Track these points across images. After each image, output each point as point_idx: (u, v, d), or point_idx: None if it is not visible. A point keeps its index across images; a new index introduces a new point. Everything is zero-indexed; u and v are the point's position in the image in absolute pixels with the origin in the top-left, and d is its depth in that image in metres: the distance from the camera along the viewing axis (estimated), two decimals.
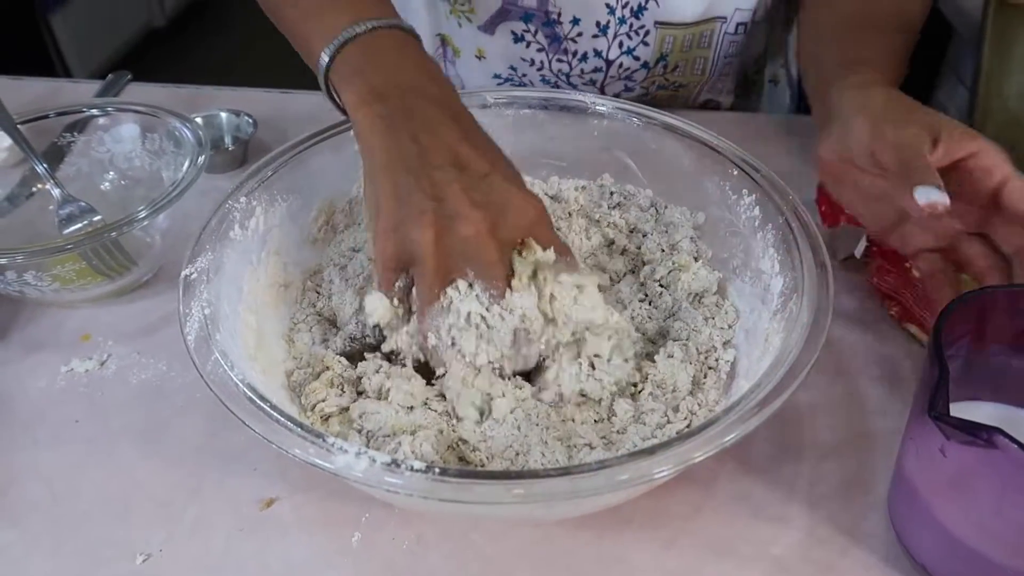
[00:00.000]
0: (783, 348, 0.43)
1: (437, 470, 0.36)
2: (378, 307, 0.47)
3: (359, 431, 0.46)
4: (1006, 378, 0.47)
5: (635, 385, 0.51)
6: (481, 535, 0.48)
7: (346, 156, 0.58)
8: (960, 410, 0.43)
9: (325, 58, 0.49)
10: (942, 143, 0.49)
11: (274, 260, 0.54)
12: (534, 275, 0.47)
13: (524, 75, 0.81)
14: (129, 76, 0.90)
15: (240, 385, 0.40)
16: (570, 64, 0.78)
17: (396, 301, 0.48)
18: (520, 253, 0.46)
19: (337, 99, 0.52)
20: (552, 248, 0.46)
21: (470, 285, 0.45)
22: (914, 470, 0.44)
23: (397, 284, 0.48)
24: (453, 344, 0.46)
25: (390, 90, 0.48)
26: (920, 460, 0.43)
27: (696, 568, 0.47)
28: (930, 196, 0.46)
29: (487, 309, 0.45)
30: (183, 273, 0.47)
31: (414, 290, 0.47)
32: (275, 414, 0.39)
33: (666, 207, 0.62)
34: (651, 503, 0.50)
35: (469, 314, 0.44)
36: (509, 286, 0.45)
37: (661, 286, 0.57)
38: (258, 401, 0.39)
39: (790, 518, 0.49)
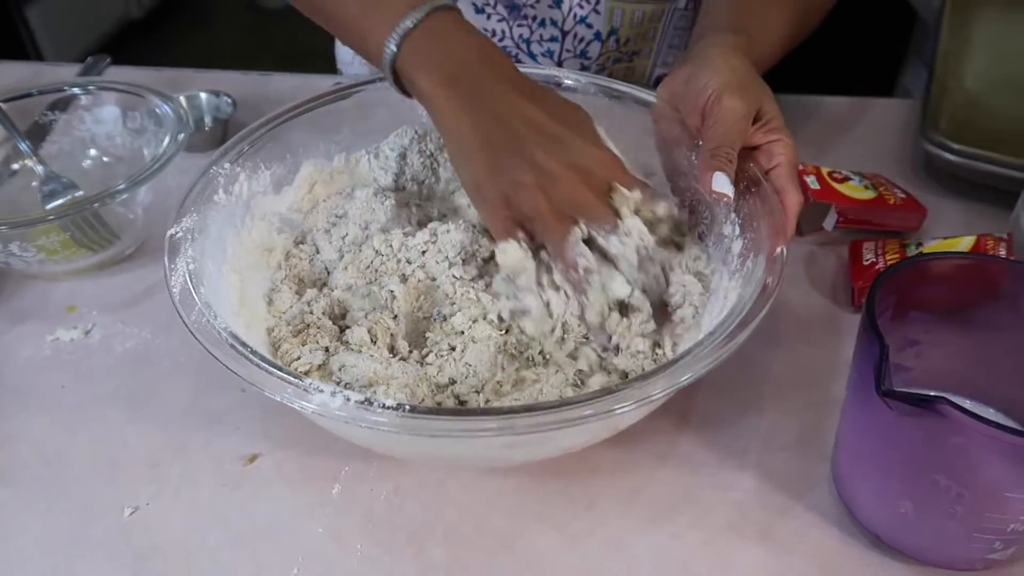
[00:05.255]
0: (738, 301, 0.46)
1: (407, 407, 0.38)
2: (508, 248, 0.50)
3: (337, 383, 0.48)
4: (925, 345, 0.50)
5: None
6: (455, 484, 0.51)
7: (326, 128, 0.61)
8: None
9: (392, 47, 0.51)
10: (758, 129, 0.55)
11: (259, 225, 0.56)
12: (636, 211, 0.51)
13: None
14: (109, 59, 0.91)
15: (222, 333, 0.42)
16: (531, 28, 0.80)
17: (524, 245, 0.50)
18: (611, 197, 0.51)
19: (400, 85, 0.53)
20: (636, 187, 0.51)
21: (586, 229, 0.49)
22: (858, 440, 0.47)
23: (520, 236, 0.51)
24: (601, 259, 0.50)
25: (461, 73, 0.50)
26: (864, 432, 0.46)
27: (660, 512, 0.50)
28: (723, 187, 0.52)
29: (607, 239, 0.49)
30: (168, 232, 0.49)
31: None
32: (256, 359, 0.41)
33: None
34: (618, 453, 0.52)
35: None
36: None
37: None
38: (239, 347, 0.41)
39: (749, 467, 0.52)
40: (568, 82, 0.63)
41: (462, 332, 0.51)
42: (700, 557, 0.47)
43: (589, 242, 0.50)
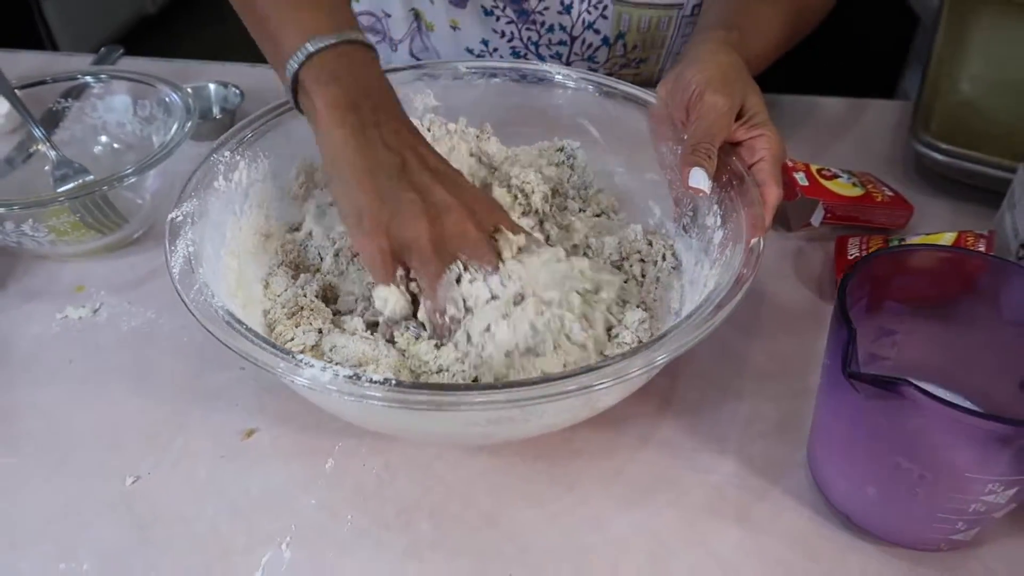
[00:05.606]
0: (715, 287, 0.47)
1: (393, 381, 0.41)
2: (389, 297, 0.50)
3: (329, 362, 0.50)
4: (902, 335, 0.51)
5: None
6: (444, 464, 0.53)
7: None
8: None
9: (302, 56, 0.51)
10: (742, 125, 0.56)
11: (256, 212, 0.58)
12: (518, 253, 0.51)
13: (496, 49, 0.85)
14: (121, 50, 0.94)
15: (219, 311, 0.45)
16: (539, 33, 0.82)
17: (403, 288, 0.51)
18: (495, 239, 0.51)
19: (294, 96, 0.53)
20: (520, 234, 0.52)
21: (465, 267, 0.49)
22: (829, 423, 0.49)
23: (398, 274, 0.50)
24: (468, 311, 0.50)
25: (362, 102, 0.51)
26: (834, 415, 0.48)
27: (640, 492, 0.51)
28: (699, 183, 0.54)
29: (486, 280, 0.49)
30: (169, 216, 0.51)
31: (413, 278, 0.51)
32: (251, 336, 0.43)
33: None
34: (601, 436, 0.54)
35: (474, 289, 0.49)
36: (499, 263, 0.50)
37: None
38: (235, 324, 0.44)
39: (728, 452, 0.54)
40: (558, 77, 0.65)
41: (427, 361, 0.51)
42: (677, 535, 0.49)
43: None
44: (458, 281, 0.49)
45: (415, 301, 0.52)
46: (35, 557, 0.48)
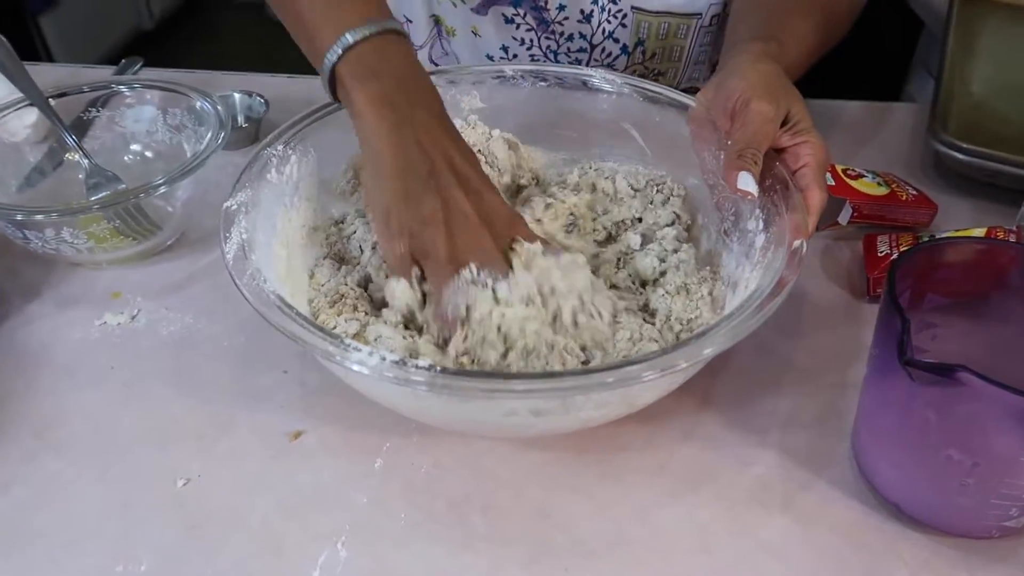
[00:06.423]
0: (756, 288, 0.48)
1: (438, 368, 0.42)
2: (399, 290, 0.52)
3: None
4: (941, 329, 0.52)
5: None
6: (492, 459, 0.53)
7: None
8: None
9: (338, 50, 0.52)
10: (786, 132, 0.57)
11: (305, 205, 0.60)
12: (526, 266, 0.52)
13: (515, 55, 0.86)
14: (142, 61, 0.94)
15: (271, 295, 0.46)
16: (557, 42, 0.84)
17: (416, 284, 0.52)
18: (512, 250, 0.52)
19: (332, 90, 0.54)
20: (537, 242, 0.53)
21: (476, 272, 0.50)
22: (877, 414, 0.49)
23: (413, 272, 0.52)
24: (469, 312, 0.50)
25: (399, 97, 0.52)
26: (882, 405, 0.48)
27: (686, 483, 0.52)
28: (748, 186, 0.54)
29: (495, 285, 0.50)
30: (224, 205, 0.52)
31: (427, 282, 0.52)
32: (301, 320, 0.45)
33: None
34: (646, 431, 0.55)
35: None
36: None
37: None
38: (286, 309, 0.45)
39: (770, 445, 0.54)
40: (596, 81, 0.66)
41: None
42: (723, 524, 0.50)
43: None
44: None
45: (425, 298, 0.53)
46: (92, 558, 0.48)
